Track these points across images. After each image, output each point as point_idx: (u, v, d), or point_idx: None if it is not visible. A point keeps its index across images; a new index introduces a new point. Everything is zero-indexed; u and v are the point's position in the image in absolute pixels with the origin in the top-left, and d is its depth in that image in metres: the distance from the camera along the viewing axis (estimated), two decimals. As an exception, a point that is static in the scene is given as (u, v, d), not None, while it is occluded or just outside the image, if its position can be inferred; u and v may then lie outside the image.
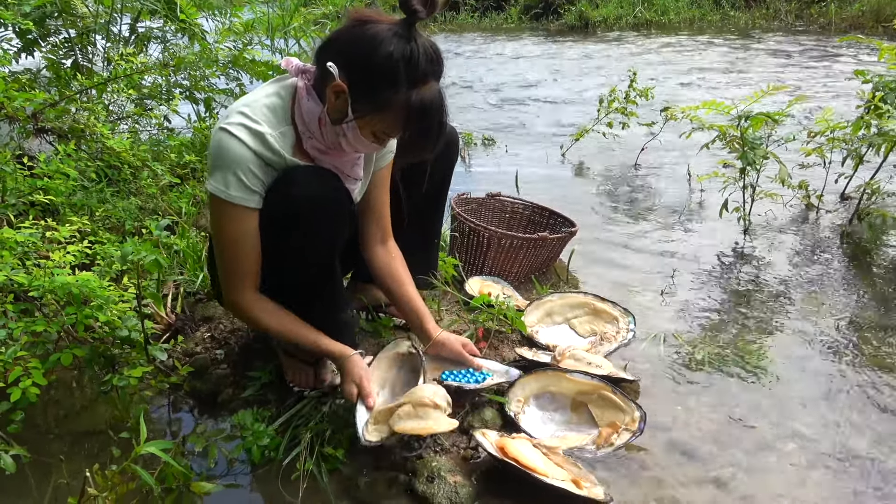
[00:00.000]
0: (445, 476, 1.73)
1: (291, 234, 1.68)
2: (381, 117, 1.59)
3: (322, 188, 1.68)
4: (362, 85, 1.55)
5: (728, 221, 3.45)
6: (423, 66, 1.53)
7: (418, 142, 1.62)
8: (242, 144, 1.59)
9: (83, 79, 3.41)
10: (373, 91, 1.55)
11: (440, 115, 1.58)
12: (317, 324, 1.91)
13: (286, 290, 1.82)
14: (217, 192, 1.62)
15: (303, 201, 1.65)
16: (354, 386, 1.79)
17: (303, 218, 1.66)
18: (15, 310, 1.92)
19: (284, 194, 1.65)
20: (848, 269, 3.06)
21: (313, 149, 1.72)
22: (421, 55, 1.52)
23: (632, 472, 1.83)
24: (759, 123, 3.18)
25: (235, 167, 1.60)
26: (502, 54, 9.17)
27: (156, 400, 2.15)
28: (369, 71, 1.53)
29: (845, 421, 2.05)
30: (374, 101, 1.56)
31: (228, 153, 1.59)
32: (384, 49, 1.50)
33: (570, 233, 2.88)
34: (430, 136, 1.61)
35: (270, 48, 4.41)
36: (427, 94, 1.55)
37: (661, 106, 4.41)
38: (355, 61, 1.54)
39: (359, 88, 1.55)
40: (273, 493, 1.76)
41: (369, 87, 1.55)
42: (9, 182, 2.54)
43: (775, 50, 8.65)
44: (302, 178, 1.66)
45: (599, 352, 2.30)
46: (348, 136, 1.63)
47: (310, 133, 1.69)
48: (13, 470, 1.63)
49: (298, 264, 1.76)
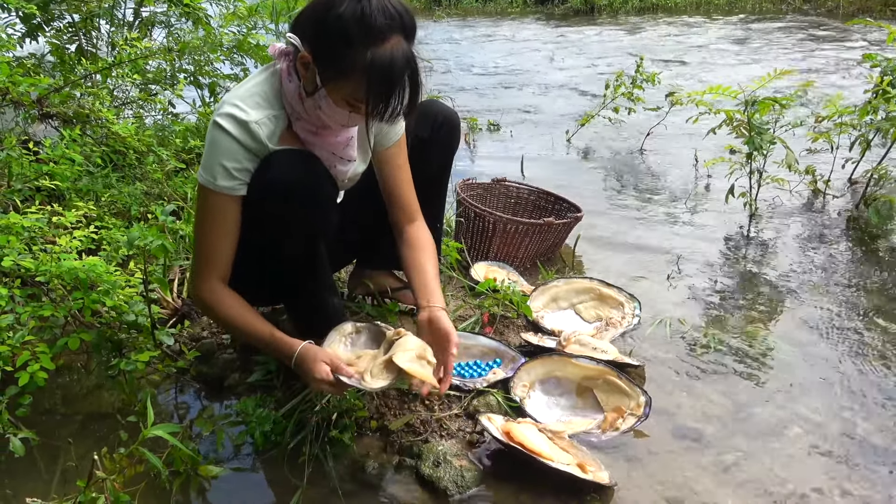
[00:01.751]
0: (451, 460, 1.74)
1: (268, 217, 1.67)
2: (345, 81, 1.54)
3: (297, 171, 1.66)
4: (322, 51, 1.54)
5: (734, 207, 3.44)
6: (378, 23, 1.47)
7: (387, 101, 1.51)
8: (228, 135, 1.60)
9: (87, 64, 3.40)
10: (332, 55, 1.52)
11: (406, 70, 1.49)
12: (301, 312, 1.94)
13: (269, 277, 1.84)
14: (205, 183, 1.64)
15: (277, 185, 1.63)
16: (323, 367, 1.65)
17: (278, 201, 1.64)
18: (22, 294, 1.92)
19: (261, 179, 1.65)
20: (854, 254, 3.05)
21: (304, 131, 1.71)
22: (375, 11, 1.46)
23: (637, 456, 1.84)
24: (766, 108, 3.16)
25: (221, 157, 1.61)
26: (507, 38, 9.11)
27: (163, 384, 2.16)
28: (325, 35, 1.51)
29: (850, 406, 2.05)
30: (335, 66, 1.53)
31: (215, 144, 1.62)
32: (334, 11, 1.48)
33: (575, 218, 2.87)
34: (396, 94, 1.51)
35: (275, 32, 4.39)
36: (387, 52, 1.47)
37: (666, 91, 4.39)
38: (314, 30, 1.54)
39: (321, 56, 1.54)
40: (279, 477, 1.77)
41: (328, 51, 1.53)
42: (14, 167, 2.54)
43: (783, 33, 8.58)
44: (278, 162, 1.65)
45: (605, 337, 2.30)
46: (323, 108, 1.61)
47: (297, 114, 1.68)
48: (22, 453, 1.65)
49: (277, 249, 1.76)
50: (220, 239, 1.70)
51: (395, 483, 1.73)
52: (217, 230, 1.69)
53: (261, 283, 1.86)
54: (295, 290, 1.89)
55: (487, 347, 2.16)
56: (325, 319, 1.90)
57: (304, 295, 1.91)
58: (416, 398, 1.95)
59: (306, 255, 1.82)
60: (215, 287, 1.74)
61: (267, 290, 1.97)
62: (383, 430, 1.88)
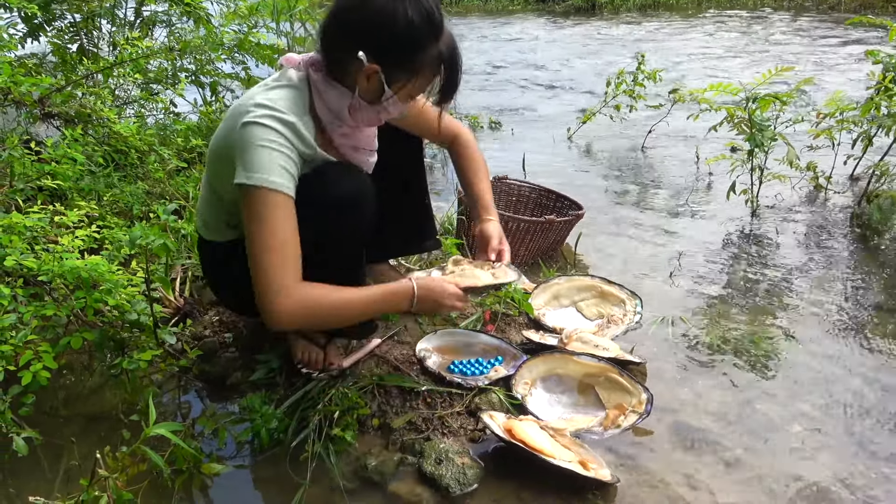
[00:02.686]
0: (453, 458, 1.74)
1: (323, 230, 1.67)
2: (417, 80, 1.62)
3: (352, 187, 1.69)
4: (394, 60, 1.58)
5: (736, 204, 3.44)
6: (437, 16, 1.56)
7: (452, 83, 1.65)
8: (276, 133, 1.55)
9: (89, 63, 3.40)
10: (406, 61, 1.58)
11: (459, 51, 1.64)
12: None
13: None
14: (259, 183, 1.52)
15: (335, 202, 1.65)
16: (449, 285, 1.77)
17: (335, 218, 1.67)
18: (25, 294, 1.92)
19: (316, 194, 1.63)
20: (856, 251, 3.05)
21: (338, 135, 1.73)
22: (432, 5, 1.55)
23: (639, 453, 1.84)
24: (767, 105, 3.16)
25: (274, 155, 1.55)
26: (508, 36, 9.11)
27: (165, 383, 2.16)
28: (397, 45, 1.55)
29: (852, 402, 2.05)
30: (408, 69, 1.59)
31: (265, 144, 1.54)
32: (402, 19, 1.51)
33: (577, 216, 2.87)
34: (459, 75, 1.65)
35: (276, 31, 4.39)
36: (448, 39, 1.60)
37: (668, 88, 4.39)
38: (378, 40, 1.55)
39: (391, 64, 1.58)
40: (282, 475, 1.77)
41: (401, 59, 1.58)
42: (17, 167, 2.55)
43: (784, 30, 8.56)
44: (332, 178, 1.67)
45: (606, 334, 2.30)
46: (389, 110, 1.68)
47: (339, 121, 1.70)
48: (25, 452, 1.65)
49: (328, 262, 1.72)
50: (291, 237, 1.57)
51: (397, 481, 1.73)
52: (286, 228, 1.57)
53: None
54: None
55: (489, 345, 2.16)
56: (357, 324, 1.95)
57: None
58: (418, 396, 1.95)
59: (356, 262, 1.85)
60: (302, 286, 1.59)
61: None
62: (385, 428, 1.88)
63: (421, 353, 2.09)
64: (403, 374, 2.02)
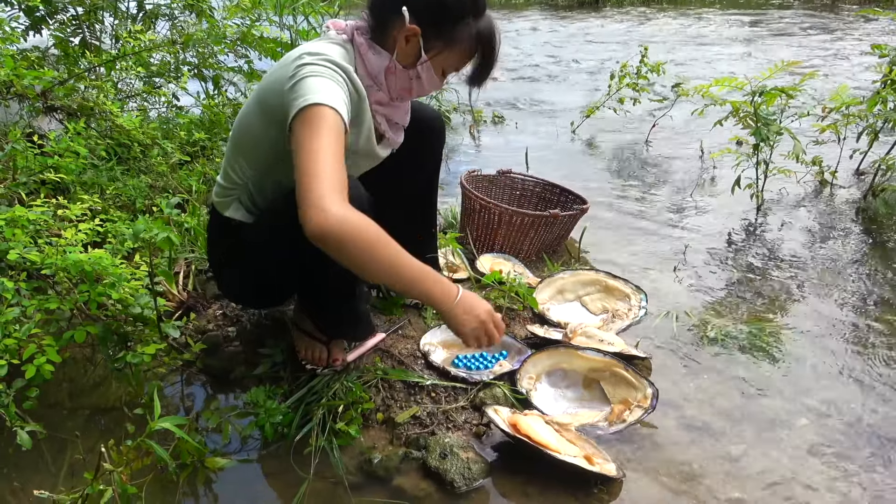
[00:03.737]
0: (458, 452, 1.74)
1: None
2: (452, 52, 1.67)
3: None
4: (433, 24, 1.62)
5: (741, 198, 3.42)
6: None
7: (486, 67, 1.70)
8: (333, 71, 1.54)
9: (91, 56, 3.39)
10: (444, 28, 1.63)
11: (498, 39, 1.69)
12: (331, 315, 1.94)
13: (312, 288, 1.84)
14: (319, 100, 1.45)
15: None
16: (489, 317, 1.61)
17: None
18: (28, 288, 1.92)
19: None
20: (862, 245, 3.04)
21: (375, 103, 1.75)
22: None
23: (644, 448, 1.84)
24: (773, 99, 3.15)
25: (332, 85, 1.51)
26: (511, 30, 9.08)
27: (169, 377, 2.16)
28: (439, 10, 1.60)
29: (858, 398, 2.04)
30: (446, 37, 1.64)
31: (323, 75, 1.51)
32: None
33: (581, 210, 2.86)
34: (494, 59, 1.70)
35: (279, 24, 4.37)
36: (488, 21, 1.66)
37: (672, 82, 4.37)
38: (424, 3, 1.59)
39: (430, 28, 1.62)
40: (285, 469, 1.77)
41: (441, 24, 1.62)
42: (20, 160, 2.54)
43: (789, 24, 8.53)
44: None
45: (611, 329, 2.30)
46: (422, 78, 1.70)
47: (377, 86, 1.72)
48: (29, 446, 1.65)
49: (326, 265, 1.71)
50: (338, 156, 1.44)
51: (402, 475, 1.73)
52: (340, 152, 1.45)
53: (282, 286, 1.88)
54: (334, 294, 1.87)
55: (493, 339, 2.15)
56: (354, 325, 1.96)
57: (345, 300, 1.90)
58: (422, 390, 1.95)
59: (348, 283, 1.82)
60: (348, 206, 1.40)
61: (281, 294, 2.01)
62: (389, 423, 1.88)
63: (425, 347, 2.09)
64: (408, 369, 2.01)
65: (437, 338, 2.14)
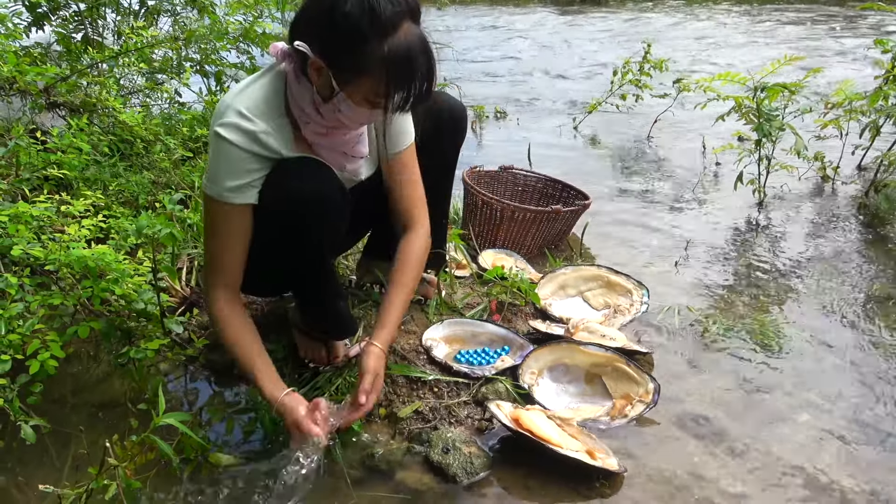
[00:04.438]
0: (460, 447, 1.74)
1: (281, 229, 1.64)
2: (364, 79, 1.47)
3: (312, 183, 1.62)
4: (335, 54, 1.46)
5: (743, 194, 3.42)
6: (387, 13, 1.40)
7: (409, 91, 1.48)
8: (235, 147, 1.54)
9: (94, 52, 3.39)
10: (347, 56, 1.45)
11: (423, 56, 1.46)
12: (310, 313, 1.95)
13: (279, 279, 1.86)
14: (212, 194, 1.60)
15: (292, 197, 1.60)
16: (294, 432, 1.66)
17: (292, 214, 1.62)
18: (32, 283, 1.93)
19: (275, 190, 1.61)
20: (864, 241, 3.03)
21: (313, 133, 1.65)
22: (381, 2, 1.39)
23: (646, 443, 1.84)
24: (776, 94, 3.14)
25: (227, 171, 1.57)
26: (513, 26, 9.07)
27: (172, 372, 2.16)
28: (335, 37, 1.43)
29: (860, 393, 2.04)
30: (351, 66, 1.46)
31: (221, 156, 1.56)
32: (340, 10, 1.40)
33: (583, 205, 2.86)
34: (418, 80, 1.47)
35: (281, 21, 4.37)
36: (402, 40, 1.43)
37: (674, 77, 4.37)
38: (321, 33, 1.45)
39: (334, 59, 1.47)
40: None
41: (342, 53, 1.45)
42: (23, 156, 2.54)
43: (793, 19, 8.51)
44: (291, 173, 1.61)
45: (613, 324, 2.30)
46: (343, 111, 1.54)
47: (307, 117, 1.61)
48: (33, 440, 1.65)
49: (288, 257, 1.74)
50: (229, 248, 1.67)
51: (405, 470, 1.74)
52: (226, 240, 1.66)
53: (270, 277, 1.86)
54: (304, 292, 1.89)
55: (495, 335, 2.16)
56: (333, 322, 1.95)
57: (312, 299, 1.91)
58: (424, 385, 1.95)
59: (314, 264, 1.81)
60: (224, 297, 1.71)
61: (275, 285, 2.01)
62: (392, 417, 1.88)
63: (427, 342, 2.09)
64: (410, 364, 2.02)
65: (439, 333, 2.15)
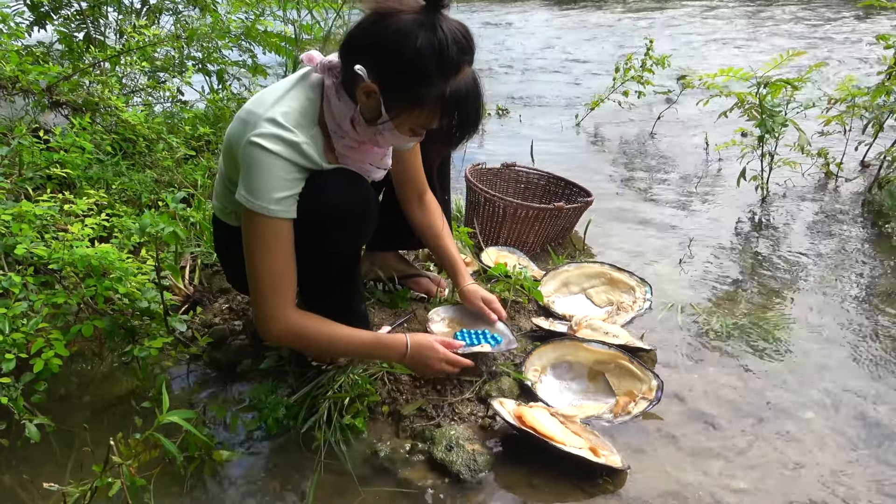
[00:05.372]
0: (464, 444, 1.74)
1: (322, 239, 1.66)
2: (417, 113, 1.52)
3: (352, 194, 1.66)
4: (394, 84, 1.48)
5: (746, 190, 3.42)
6: (454, 56, 1.44)
7: (457, 132, 1.54)
8: (280, 158, 1.53)
9: (96, 51, 3.40)
10: (405, 89, 1.48)
11: (476, 102, 1.52)
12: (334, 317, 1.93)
13: (307, 288, 1.83)
14: (258, 210, 1.55)
15: (334, 208, 1.62)
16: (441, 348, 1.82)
17: (333, 224, 1.64)
18: (35, 282, 1.93)
19: (315, 201, 1.61)
20: (867, 237, 3.03)
21: (344, 147, 1.67)
22: (451, 44, 1.43)
23: (649, 440, 1.84)
24: (778, 90, 3.13)
25: (275, 183, 1.54)
26: (515, 23, 9.06)
27: (176, 370, 2.17)
28: (399, 69, 1.45)
29: (864, 390, 2.04)
30: (407, 98, 1.49)
31: (266, 169, 1.53)
32: (411, 44, 1.42)
33: (585, 202, 2.86)
34: (467, 125, 1.54)
35: (283, 19, 4.37)
36: (462, 83, 1.48)
37: (677, 74, 4.36)
38: (383, 60, 1.46)
39: (391, 87, 1.49)
40: (292, 462, 1.78)
41: (401, 85, 1.48)
42: (26, 156, 2.55)
43: (794, 15, 8.49)
44: (332, 185, 1.62)
45: (616, 321, 2.30)
46: (385, 135, 1.58)
47: (342, 132, 1.64)
48: (38, 439, 1.66)
49: (324, 266, 1.74)
50: (285, 264, 1.63)
51: (408, 467, 1.74)
52: (281, 255, 1.62)
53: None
54: (329, 299, 1.88)
55: (495, 327, 2.14)
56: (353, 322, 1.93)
57: (337, 302, 1.90)
58: (427, 383, 1.95)
59: (347, 269, 1.84)
60: (293, 314, 1.68)
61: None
62: (396, 415, 1.88)
63: (430, 315, 2.15)
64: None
65: (440, 314, 2.18)
